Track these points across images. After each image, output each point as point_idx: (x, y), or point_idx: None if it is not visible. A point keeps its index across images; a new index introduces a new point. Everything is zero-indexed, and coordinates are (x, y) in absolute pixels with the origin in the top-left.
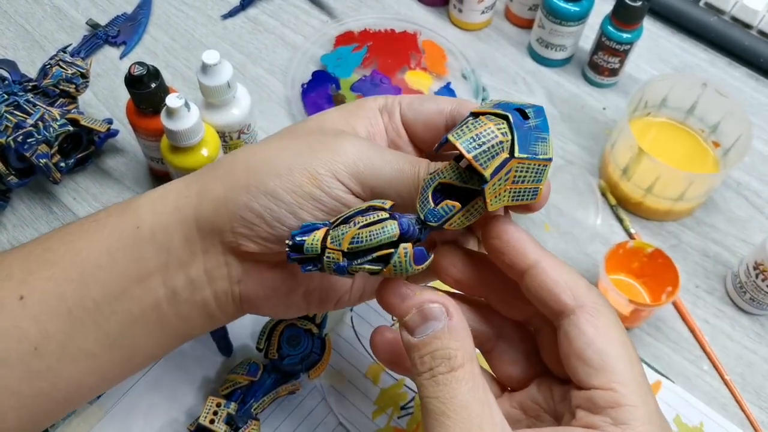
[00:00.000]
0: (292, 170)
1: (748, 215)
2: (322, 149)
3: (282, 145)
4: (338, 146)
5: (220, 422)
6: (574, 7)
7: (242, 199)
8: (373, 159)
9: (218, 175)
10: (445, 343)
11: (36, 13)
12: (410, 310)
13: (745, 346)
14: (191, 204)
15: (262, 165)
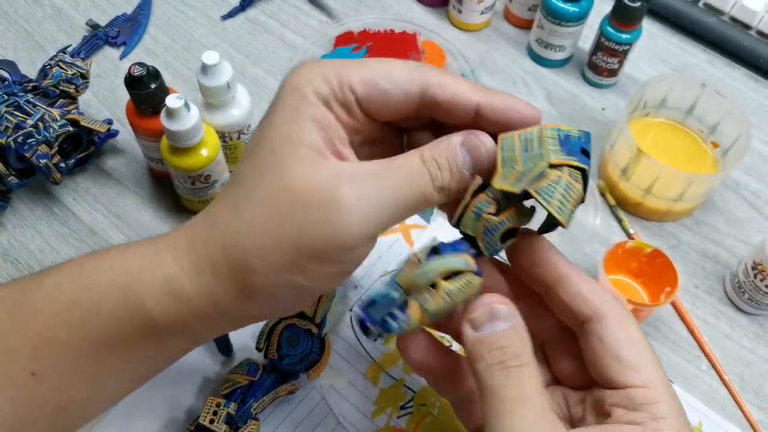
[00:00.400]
0: (282, 247)
1: (747, 216)
2: (302, 214)
3: (258, 218)
4: (318, 219)
5: (220, 422)
6: (573, 7)
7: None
8: (369, 213)
9: (210, 257)
10: (512, 342)
11: (36, 14)
12: (479, 308)
13: (744, 346)
14: (197, 293)
15: (248, 252)
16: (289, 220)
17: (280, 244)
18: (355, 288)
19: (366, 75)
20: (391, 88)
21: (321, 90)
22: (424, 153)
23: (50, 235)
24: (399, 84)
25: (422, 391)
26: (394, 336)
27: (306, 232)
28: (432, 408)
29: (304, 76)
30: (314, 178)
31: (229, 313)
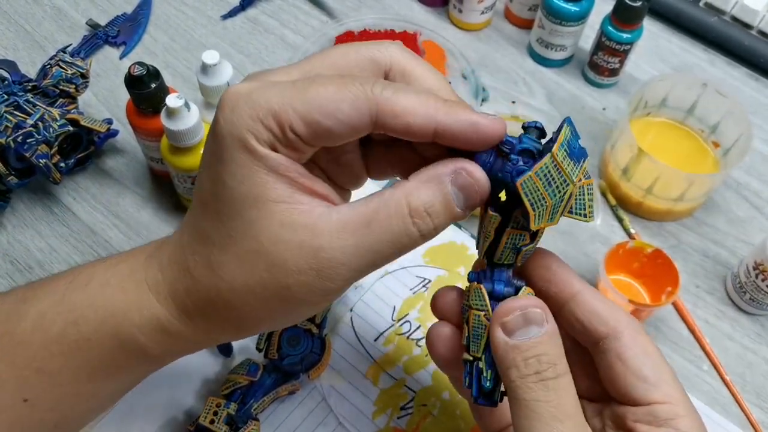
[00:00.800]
0: (268, 303)
1: (748, 215)
2: (283, 277)
3: (239, 280)
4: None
5: (220, 422)
6: (574, 7)
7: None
8: (350, 273)
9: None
10: (548, 349)
11: (36, 14)
12: (513, 311)
13: (745, 346)
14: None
15: (238, 308)
16: (271, 283)
17: (267, 301)
18: (355, 288)
19: (307, 114)
20: (337, 125)
21: (263, 137)
22: (412, 204)
23: (50, 235)
24: (346, 121)
25: (422, 391)
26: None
27: (290, 291)
28: (432, 408)
29: (241, 124)
30: (289, 241)
31: (219, 339)
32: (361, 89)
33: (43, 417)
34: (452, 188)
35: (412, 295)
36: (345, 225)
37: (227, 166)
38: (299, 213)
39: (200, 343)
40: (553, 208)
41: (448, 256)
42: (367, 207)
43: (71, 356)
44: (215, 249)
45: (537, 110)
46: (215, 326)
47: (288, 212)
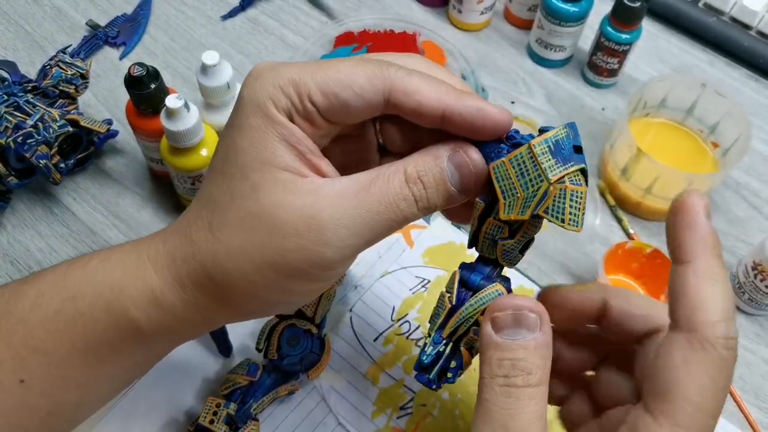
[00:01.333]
0: (262, 268)
1: (747, 215)
2: (280, 237)
3: (237, 242)
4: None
5: (220, 422)
6: (573, 7)
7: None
8: (349, 239)
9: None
10: (529, 356)
11: (36, 14)
12: (506, 308)
13: (744, 346)
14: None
15: (231, 274)
16: (268, 246)
17: (261, 268)
18: (354, 288)
19: (325, 85)
20: (353, 98)
21: (282, 104)
22: (408, 170)
23: (50, 235)
24: (361, 94)
25: (422, 391)
26: (394, 337)
27: (286, 257)
28: (432, 408)
29: (262, 91)
30: (290, 204)
31: (212, 319)
32: (377, 67)
33: (37, 403)
34: (448, 164)
35: (412, 296)
36: (346, 189)
37: (243, 130)
38: (303, 181)
39: (192, 323)
40: (525, 201)
41: (448, 257)
42: (367, 175)
43: (66, 334)
44: (218, 210)
45: (536, 110)
46: (207, 301)
47: (292, 179)
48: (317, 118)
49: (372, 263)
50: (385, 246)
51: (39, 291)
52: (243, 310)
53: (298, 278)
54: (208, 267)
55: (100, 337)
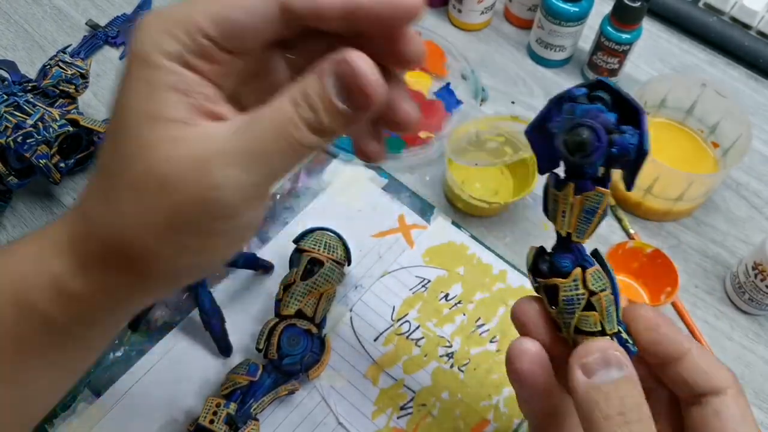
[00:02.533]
0: (152, 210)
1: (747, 215)
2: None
3: (131, 208)
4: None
5: (220, 422)
6: (574, 7)
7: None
8: (242, 178)
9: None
10: (630, 391)
11: (36, 14)
12: (592, 353)
13: (744, 346)
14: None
15: (125, 232)
16: (160, 205)
17: (158, 230)
18: (354, 288)
19: (215, 13)
20: (245, 16)
21: (171, 49)
22: (292, 92)
23: None
24: (253, 10)
25: (422, 391)
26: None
27: (179, 212)
28: (432, 408)
29: (149, 40)
30: (179, 155)
31: (125, 300)
32: None
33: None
34: (328, 78)
35: (412, 295)
36: (238, 126)
37: (129, 87)
38: (193, 130)
39: (105, 307)
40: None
41: (448, 257)
42: (254, 114)
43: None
44: (110, 177)
45: (537, 110)
46: (115, 280)
47: (183, 129)
48: (215, 52)
49: (372, 263)
50: (386, 246)
51: None
52: (155, 283)
53: (200, 233)
54: (106, 241)
55: (11, 332)
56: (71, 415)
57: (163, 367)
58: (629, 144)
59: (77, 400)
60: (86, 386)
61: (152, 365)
